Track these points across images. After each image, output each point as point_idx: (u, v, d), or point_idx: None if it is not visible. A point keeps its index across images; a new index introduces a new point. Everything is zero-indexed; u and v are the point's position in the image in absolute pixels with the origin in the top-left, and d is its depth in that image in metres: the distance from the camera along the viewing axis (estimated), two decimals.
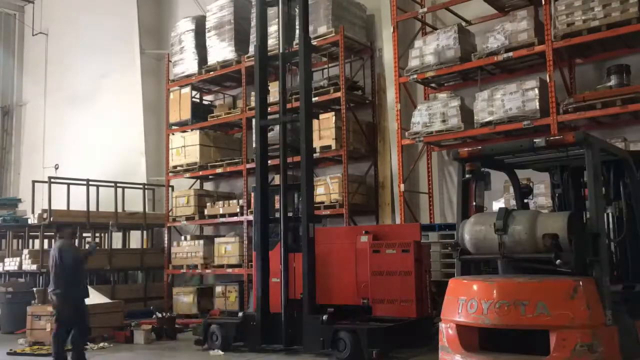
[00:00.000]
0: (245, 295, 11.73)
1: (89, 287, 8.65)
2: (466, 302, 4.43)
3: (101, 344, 9.53)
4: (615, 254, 5.47)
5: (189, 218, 13.08)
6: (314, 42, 10.61)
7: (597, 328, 4.10)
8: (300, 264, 8.38)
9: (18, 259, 12.35)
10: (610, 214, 5.45)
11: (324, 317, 7.90)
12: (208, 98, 14.57)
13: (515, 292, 4.29)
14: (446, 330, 4.57)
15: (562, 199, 5.60)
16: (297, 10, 11.54)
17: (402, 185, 10.38)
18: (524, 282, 4.38)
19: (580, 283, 4.17)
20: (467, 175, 5.18)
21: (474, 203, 5.21)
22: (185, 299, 12.62)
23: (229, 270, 12.24)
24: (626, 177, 5.31)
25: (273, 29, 11.76)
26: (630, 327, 4.53)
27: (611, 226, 5.44)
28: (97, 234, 14.54)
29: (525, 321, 4.16)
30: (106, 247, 13.82)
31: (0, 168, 20.21)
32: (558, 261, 4.31)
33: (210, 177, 13.97)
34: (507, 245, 4.57)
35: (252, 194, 10.33)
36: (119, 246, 14.30)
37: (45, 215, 12.28)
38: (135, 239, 14.77)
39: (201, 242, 12.82)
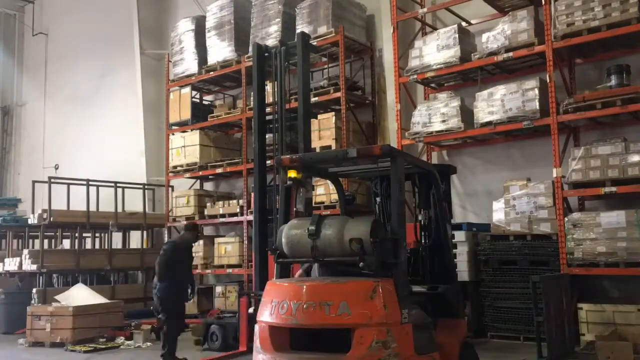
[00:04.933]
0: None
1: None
2: (278, 304, 4.52)
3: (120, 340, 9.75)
4: (423, 258, 5.86)
5: (189, 218, 13.06)
6: (314, 42, 10.62)
7: (392, 326, 4.27)
8: (299, 264, 8.37)
9: (18, 259, 12.36)
10: (421, 222, 6.00)
11: None
12: (208, 98, 14.57)
13: (321, 293, 4.43)
14: (260, 331, 4.65)
15: (382, 207, 6.02)
16: (297, 11, 11.61)
17: None
18: (330, 283, 4.56)
19: (380, 284, 4.35)
20: (288, 182, 5.35)
21: (295, 208, 5.35)
22: None
23: (229, 270, 12.24)
24: (434, 187, 5.67)
25: (274, 29, 11.83)
26: (426, 325, 4.80)
27: (422, 233, 5.99)
28: (97, 234, 14.56)
29: (329, 320, 4.31)
30: (106, 247, 13.83)
31: (0, 168, 20.22)
32: (361, 264, 4.48)
33: (210, 177, 13.97)
34: (319, 249, 4.68)
35: (253, 194, 10.34)
36: (119, 246, 14.30)
37: (45, 215, 12.29)
38: (135, 239, 14.77)
39: (201, 242, 12.79)
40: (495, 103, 9.25)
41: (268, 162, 9.12)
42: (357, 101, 11.70)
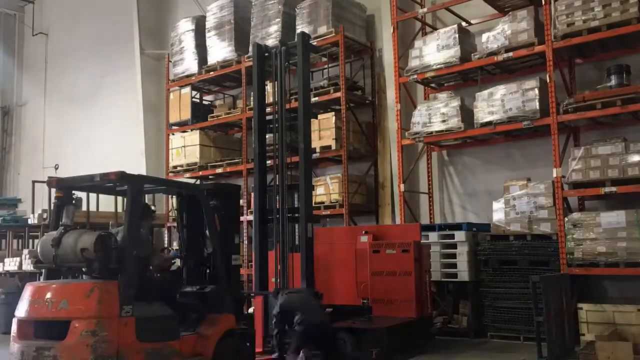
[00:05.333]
0: None
1: None
2: (27, 301, 5.52)
3: None
4: (205, 264, 6.80)
5: None
6: (314, 42, 10.62)
7: (104, 318, 5.22)
8: (299, 264, 8.38)
9: (18, 259, 12.35)
10: (184, 235, 6.90)
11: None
12: (208, 98, 14.56)
13: (49, 292, 5.45)
14: (15, 324, 5.60)
15: (183, 221, 6.97)
16: (297, 11, 11.61)
17: (402, 185, 10.38)
18: (57, 285, 5.58)
19: (98, 285, 5.35)
20: (56, 201, 6.16)
21: (61, 222, 5.96)
22: None
23: None
24: (203, 206, 6.55)
25: (274, 29, 11.82)
26: (165, 317, 5.71)
27: (185, 245, 6.90)
28: None
29: (49, 314, 5.35)
30: None
31: (0, 168, 20.21)
32: (84, 269, 5.60)
33: (210, 177, 13.95)
34: (60, 256, 5.64)
35: (253, 194, 10.34)
36: None
37: (45, 215, 12.29)
38: None
39: None
40: (495, 103, 9.25)
41: (268, 162, 9.13)
42: (357, 101, 11.70)
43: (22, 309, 5.54)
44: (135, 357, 5.34)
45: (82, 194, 13.11)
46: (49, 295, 5.40)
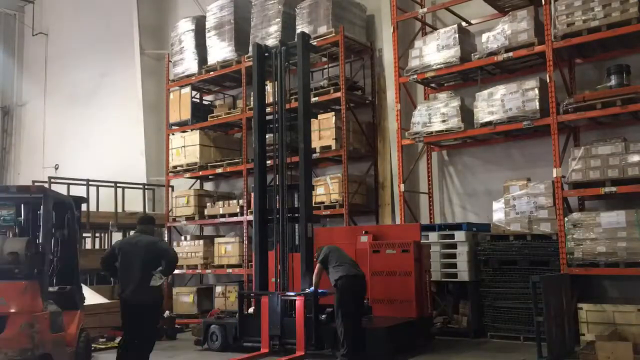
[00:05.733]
0: None
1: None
2: None
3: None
4: (59, 265, 7.50)
5: (189, 218, 13.08)
6: (314, 42, 10.63)
7: (36, 313, 6.18)
8: (299, 264, 8.38)
9: None
10: (59, 238, 7.53)
11: (324, 316, 7.90)
12: (208, 98, 14.57)
13: None
14: None
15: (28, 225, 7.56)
16: (297, 11, 11.61)
17: (402, 185, 10.38)
18: None
19: (28, 284, 6.26)
20: None
21: None
22: (185, 299, 12.62)
23: (229, 270, 12.25)
24: (69, 213, 7.49)
25: (274, 29, 11.83)
26: (58, 313, 6.77)
27: (59, 247, 7.54)
28: (97, 234, 14.54)
29: None
30: (106, 247, 13.81)
31: (1, 168, 20.21)
32: (16, 270, 6.33)
33: (210, 177, 13.97)
34: None
35: (253, 194, 10.34)
36: None
37: None
38: None
39: (201, 242, 12.82)
40: (495, 103, 9.25)
41: (268, 162, 9.13)
42: (357, 101, 11.70)
43: None
44: (48, 346, 6.33)
45: (83, 192, 13.14)
46: None
